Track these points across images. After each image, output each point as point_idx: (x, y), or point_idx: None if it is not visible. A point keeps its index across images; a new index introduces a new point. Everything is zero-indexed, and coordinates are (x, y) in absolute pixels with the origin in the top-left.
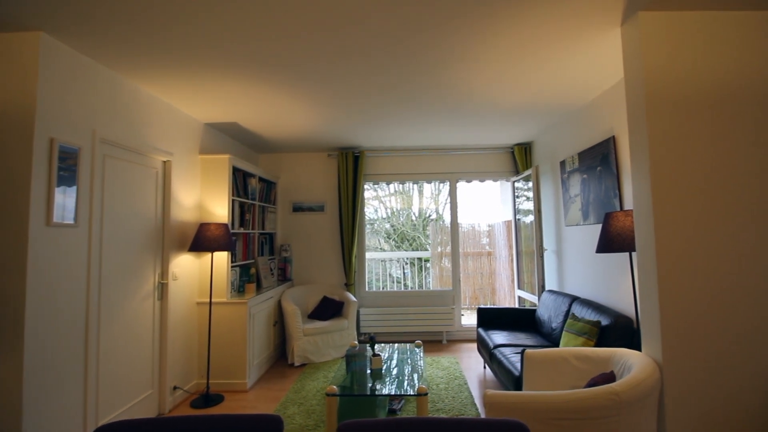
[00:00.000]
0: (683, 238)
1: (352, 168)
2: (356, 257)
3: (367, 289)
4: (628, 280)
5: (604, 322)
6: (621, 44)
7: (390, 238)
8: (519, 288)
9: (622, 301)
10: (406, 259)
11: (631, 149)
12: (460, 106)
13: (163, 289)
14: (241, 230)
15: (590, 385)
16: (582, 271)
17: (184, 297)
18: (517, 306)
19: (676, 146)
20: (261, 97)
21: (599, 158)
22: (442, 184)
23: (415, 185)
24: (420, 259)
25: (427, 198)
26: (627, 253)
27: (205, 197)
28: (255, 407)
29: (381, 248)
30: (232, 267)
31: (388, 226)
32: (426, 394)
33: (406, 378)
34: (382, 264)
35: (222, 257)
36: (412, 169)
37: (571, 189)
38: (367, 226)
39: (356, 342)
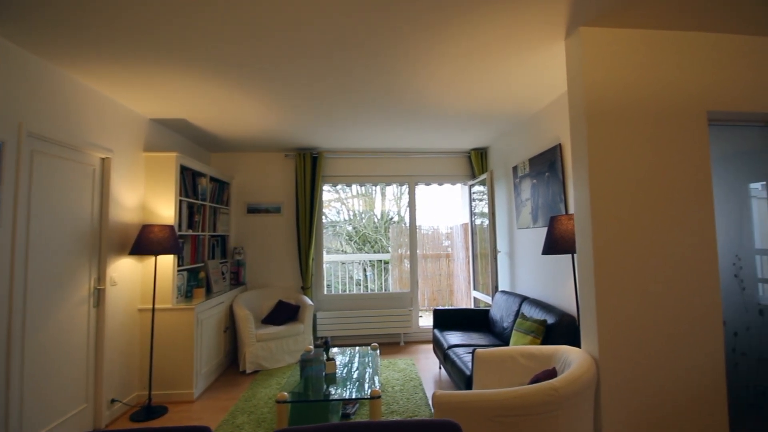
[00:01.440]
0: (618, 240)
1: (310, 169)
2: (314, 260)
3: (325, 292)
4: (572, 281)
5: (550, 320)
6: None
7: (352, 240)
8: (475, 289)
9: (567, 301)
10: (368, 262)
11: (573, 157)
12: (416, 109)
13: (99, 295)
14: (190, 232)
15: (533, 381)
16: (532, 272)
17: (124, 303)
18: (473, 307)
19: (612, 155)
20: (213, 94)
21: (547, 165)
22: (402, 187)
23: (378, 187)
24: (381, 261)
25: (390, 200)
26: (570, 255)
27: (150, 197)
28: (200, 418)
29: (343, 250)
30: (178, 271)
31: (350, 228)
32: (379, 397)
33: (361, 381)
34: (343, 266)
35: (167, 261)
36: (371, 171)
37: (523, 193)
38: (329, 228)
39: (311, 347)
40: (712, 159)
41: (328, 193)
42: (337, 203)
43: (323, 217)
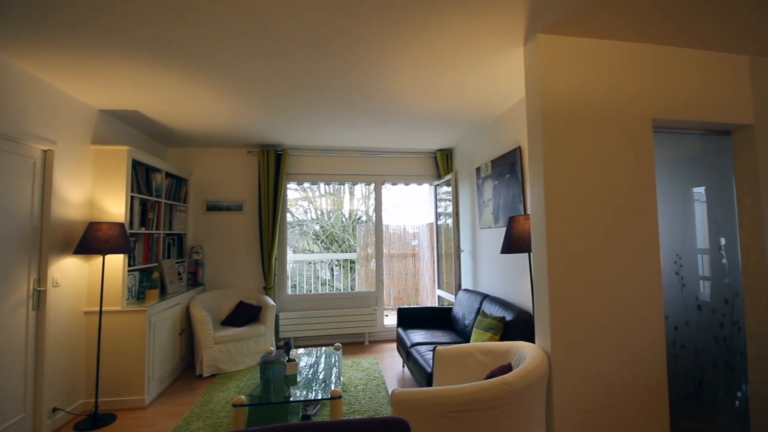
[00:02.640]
0: (570, 240)
1: (273, 166)
2: (277, 259)
3: (289, 292)
4: (528, 279)
5: (508, 317)
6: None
7: (319, 240)
8: (439, 288)
9: (525, 298)
10: (335, 261)
11: (530, 159)
12: (382, 109)
13: (40, 297)
14: (143, 230)
15: (489, 377)
16: (493, 271)
17: (69, 306)
18: (437, 305)
19: (566, 157)
20: (169, 86)
21: (508, 166)
22: (369, 186)
23: (346, 186)
24: (348, 260)
25: (358, 199)
26: (527, 254)
27: (98, 193)
28: (153, 425)
29: (310, 250)
30: (129, 271)
31: (317, 227)
32: (339, 397)
33: (322, 382)
34: (310, 266)
35: (117, 261)
36: (337, 169)
37: (485, 194)
38: (296, 227)
39: (272, 348)
40: (659, 164)
41: (294, 191)
42: (305, 202)
43: (289, 215)
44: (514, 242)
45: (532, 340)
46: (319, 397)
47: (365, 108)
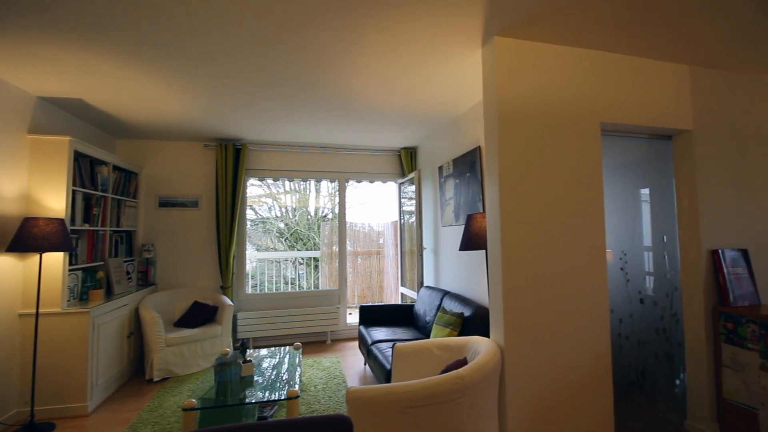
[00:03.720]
0: (523, 237)
1: (232, 161)
2: (235, 257)
3: (249, 291)
4: (486, 275)
5: (467, 313)
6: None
7: (283, 237)
8: (402, 285)
9: (483, 294)
10: (300, 259)
11: (486, 158)
12: (345, 106)
13: None
14: (86, 227)
15: (444, 371)
16: (454, 268)
17: (1, 308)
18: (400, 303)
19: (520, 157)
20: (118, 74)
21: (468, 165)
22: (332, 183)
23: (311, 183)
24: (315, 258)
25: (324, 197)
26: (484, 251)
27: (35, 187)
28: None
29: (273, 248)
30: (71, 271)
31: (282, 225)
32: (296, 397)
33: (280, 383)
34: (274, 264)
35: (56, 259)
36: (300, 166)
37: (447, 192)
38: (259, 224)
39: (228, 349)
40: (610, 167)
41: (258, 188)
42: (269, 199)
43: (252, 213)
44: (472, 239)
45: (488, 334)
46: (276, 398)
47: (328, 104)
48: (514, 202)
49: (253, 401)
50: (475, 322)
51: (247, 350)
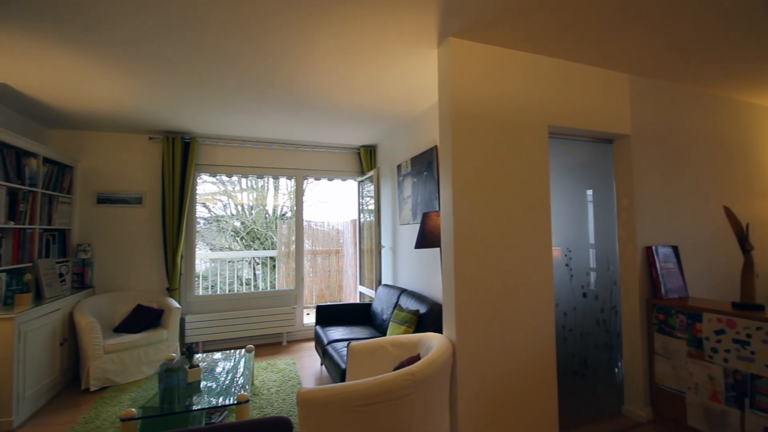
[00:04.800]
0: (475, 235)
1: (180, 155)
2: (183, 258)
3: (200, 292)
4: (441, 273)
5: (422, 310)
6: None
7: (239, 236)
8: (361, 284)
9: (439, 291)
10: (258, 259)
11: (441, 158)
12: (302, 101)
13: None
14: (11, 225)
15: (397, 368)
16: (411, 266)
17: None
18: (358, 301)
19: (473, 157)
20: (49, 57)
21: (426, 164)
22: (290, 181)
23: (269, 181)
24: (272, 258)
25: (284, 195)
26: (438, 249)
27: None
28: None
29: (229, 248)
30: None
31: (238, 223)
32: (246, 402)
33: (229, 387)
34: (231, 265)
35: None
36: (255, 162)
37: (405, 191)
38: (213, 223)
39: (175, 354)
40: (560, 168)
41: (212, 185)
42: (224, 196)
43: (206, 211)
44: (427, 237)
45: (442, 330)
46: (225, 403)
47: (285, 99)
48: (467, 201)
49: (200, 408)
50: (430, 318)
51: (195, 355)
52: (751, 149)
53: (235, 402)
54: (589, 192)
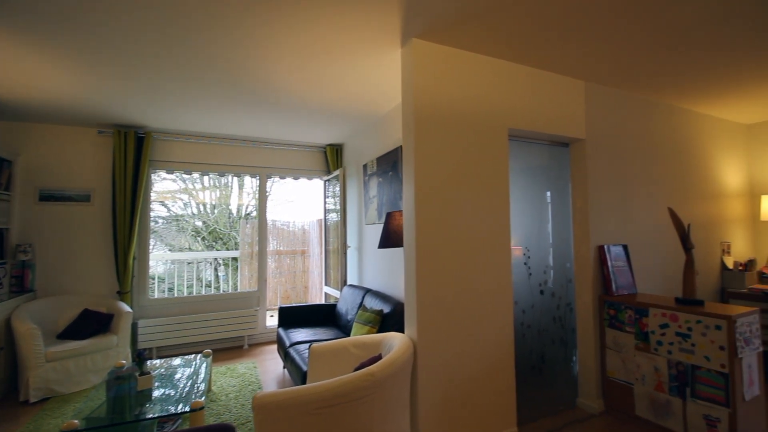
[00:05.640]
0: (437, 234)
1: (133, 151)
2: (136, 259)
3: (156, 295)
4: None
5: (386, 310)
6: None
7: (200, 236)
8: (326, 284)
9: (402, 291)
10: (221, 260)
11: (404, 158)
12: (265, 98)
13: None
14: None
15: (358, 369)
16: (376, 266)
17: None
18: (324, 302)
19: (435, 158)
20: None
21: (391, 164)
22: (254, 179)
23: (233, 179)
24: (235, 259)
25: (248, 193)
26: (402, 248)
27: None
28: None
29: (189, 248)
30: None
31: (199, 223)
32: (201, 409)
33: (184, 394)
34: (192, 266)
35: None
36: (216, 159)
37: (371, 190)
38: (173, 222)
39: (125, 361)
40: (518, 170)
41: (171, 182)
42: (184, 195)
43: (164, 210)
44: (390, 237)
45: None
46: (178, 410)
47: (248, 94)
48: (429, 201)
49: (150, 417)
50: (394, 318)
51: (147, 361)
52: (694, 155)
53: (189, 409)
54: (549, 193)
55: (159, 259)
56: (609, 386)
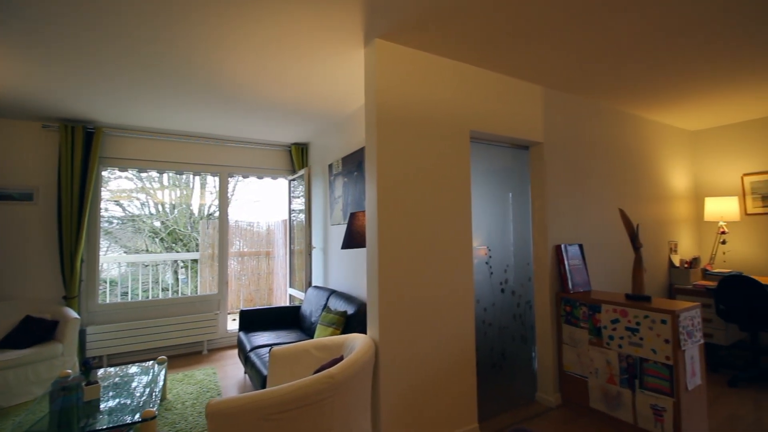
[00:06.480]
0: (399, 235)
1: (81, 147)
2: (84, 262)
3: (106, 300)
4: None
5: (350, 311)
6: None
7: (158, 237)
8: (291, 286)
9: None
10: (182, 262)
11: (366, 158)
12: (225, 93)
13: None
14: None
15: (318, 371)
16: (341, 267)
17: None
18: (288, 304)
19: (397, 158)
20: None
21: (356, 164)
22: (215, 178)
23: (194, 177)
24: (195, 261)
25: (211, 193)
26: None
27: None
28: None
29: (146, 250)
30: None
31: (157, 224)
32: (153, 418)
33: (135, 404)
34: (150, 269)
35: None
36: (173, 157)
37: (336, 191)
38: (129, 223)
39: (71, 371)
40: (481, 172)
41: (127, 180)
42: (141, 194)
43: (119, 209)
44: (354, 237)
45: None
46: (127, 421)
47: (209, 89)
48: (391, 201)
49: (99, 429)
50: (357, 319)
51: (96, 370)
52: (644, 159)
53: (140, 419)
54: (510, 195)
55: (113, 262)
56: (565, 380)
